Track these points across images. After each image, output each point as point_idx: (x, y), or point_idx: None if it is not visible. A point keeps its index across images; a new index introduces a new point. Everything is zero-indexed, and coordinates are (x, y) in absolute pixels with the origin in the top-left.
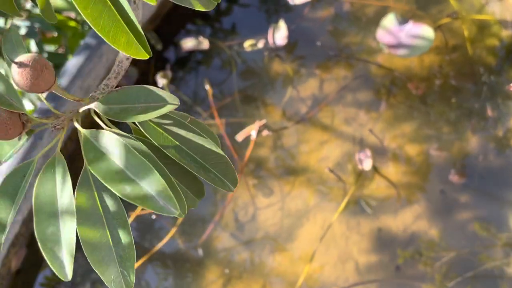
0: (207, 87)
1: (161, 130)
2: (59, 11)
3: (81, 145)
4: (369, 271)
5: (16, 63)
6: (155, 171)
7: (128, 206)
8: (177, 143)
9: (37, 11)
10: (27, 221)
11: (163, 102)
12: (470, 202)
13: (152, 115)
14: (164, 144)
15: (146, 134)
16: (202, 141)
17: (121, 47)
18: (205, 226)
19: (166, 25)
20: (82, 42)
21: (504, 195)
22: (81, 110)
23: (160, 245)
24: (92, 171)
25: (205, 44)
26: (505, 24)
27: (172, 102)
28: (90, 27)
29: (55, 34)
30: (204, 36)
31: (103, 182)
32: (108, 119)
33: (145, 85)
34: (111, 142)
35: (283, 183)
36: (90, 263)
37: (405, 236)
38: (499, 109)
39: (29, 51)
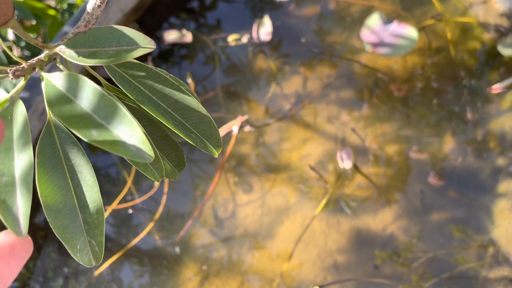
0: (189, 81)
1: (135, 82)
2: None
3: (43, 90)
4: (347, 270)
5: None
6: (126, 112)
7: (105, 200)
8: (154, 97)
9: None
10: None
11: (137, 45)
12: (448, 204)
13: (125, 59)
14: (138, 98)
15: (118, 86)
16: (182, 97)
17: None
18: (183, 222)
19: (149, 17)
20: (61, 31)
21: (481, 198)
22: (44, 56)
23: (136, 240)
24: (55, 117)
25: (188, 37)
26: (487, 27)
27: (146, 45)
28: (70, 15)
29: (34, 22)
30: (187, 29)
31: (67, 127)
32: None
33: (116, 26)
34: (76, 84)
35: (264, 180)
36: (53, 230)
37: (384, 236)
38: (479, 113)
39: (5, 39)
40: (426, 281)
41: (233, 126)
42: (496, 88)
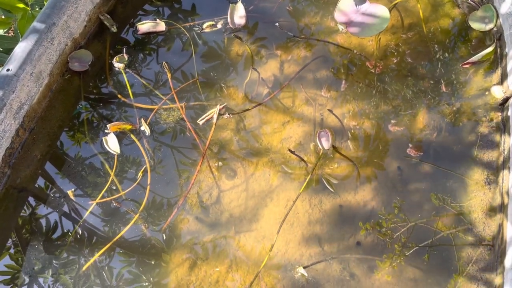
0: (166, 70)
1: None
2: None
3: None
4: (331, 248)
5: None
6: None
7: (91, 192)
8: None
9: None
10: None
11: None
12: (426, 175)
13: None
14: None
15: None
16: None
17: None
18: (169, 210)
19: (121, 7)
20: (31, 25)
21: (456, 167)
22: None
23: (124, 231)
24: None
25: (161, 25)
26: (457, 2)
27: None
28: (40, 8)
29: (3, 16)
30: (161, 18)
31: None
32: None
33: None
34: None
35: (246, 164)
36: None
37: (365, 211)
38: (453, 86)
39: None
40: (409, 249)
41: (213, 114)
42: (468, 63)
